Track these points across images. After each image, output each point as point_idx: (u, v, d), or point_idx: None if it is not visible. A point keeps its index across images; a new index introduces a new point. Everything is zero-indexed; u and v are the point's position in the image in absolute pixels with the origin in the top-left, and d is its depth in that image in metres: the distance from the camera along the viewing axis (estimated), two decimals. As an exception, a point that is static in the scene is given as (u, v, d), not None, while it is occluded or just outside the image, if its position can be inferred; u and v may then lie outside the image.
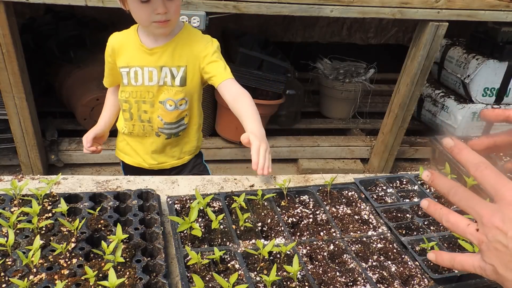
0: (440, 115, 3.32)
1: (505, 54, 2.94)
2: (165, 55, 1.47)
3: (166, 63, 1.48)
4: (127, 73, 1.49)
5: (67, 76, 3.00)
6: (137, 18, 1.40)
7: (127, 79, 1.50)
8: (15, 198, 1.04)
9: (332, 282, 0.91)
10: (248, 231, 1.04)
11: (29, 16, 3.22)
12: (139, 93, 1.51)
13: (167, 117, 1.53)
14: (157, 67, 1.48)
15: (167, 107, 1.51)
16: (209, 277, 0.89)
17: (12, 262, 0.86)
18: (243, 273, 0.90)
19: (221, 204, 1.12)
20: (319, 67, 3.57)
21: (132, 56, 1.49)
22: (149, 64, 1.48)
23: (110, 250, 0.86)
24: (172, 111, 1.52)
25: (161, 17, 1.34)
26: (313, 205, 1.18)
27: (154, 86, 1.49)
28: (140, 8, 1.34)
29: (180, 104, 1.52)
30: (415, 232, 1.10)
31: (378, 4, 2.44)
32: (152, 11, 1.33)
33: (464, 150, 0.69)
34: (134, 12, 1.38)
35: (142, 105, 1.53)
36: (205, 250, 0.96)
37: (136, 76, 1.49)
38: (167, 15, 1.35)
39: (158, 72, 1.48)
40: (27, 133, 2.56)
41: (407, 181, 1.30)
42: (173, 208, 1.08)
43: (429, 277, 0.95)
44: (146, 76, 1.48)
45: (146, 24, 1.38)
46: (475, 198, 0.65)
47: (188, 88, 1.51)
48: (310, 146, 3.21)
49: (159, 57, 1.47)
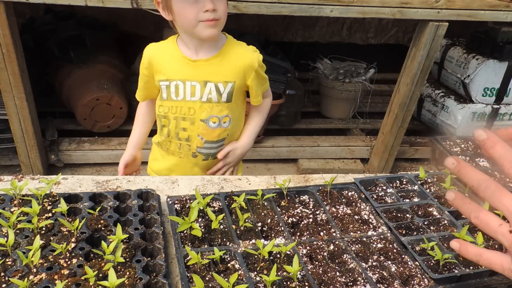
0: (440, 115, 3.32)
1: (505, 54, 2.94)
2: (210, 69, 1.39)
3: (211, 78, 1.39)
4: (167, 87, 1.41)
5: (67, 76, 3.00)
6: (184, 20, 1.31)
7: (166, 93, 1.42)
8: (15, 198, 1.04)
9: (332, 282, 0.91)
10: (248, 231, 1.04)
11: (29, 16, 3.22)
12: (179, 109, 1.43)
13: (208, 135, 1.46)
14: (200, 81, 1.39)
15: (210, 125, 1.44)
16: (209, 277, 0.89)
17: (12, 262, 0.86)
18: (243, 273, 0.90)
19: (221, 204, 1.12)
20: (319, 67, 3.57)
21: (173, 68, 1.40)
22: (191, 78, 1.39)
23: (110, 250, 0.86)
24: (215, 129, 1.45)
25: (209, 15, 1.27)
26: (313, 205, 1.18)
27: (196, 102, 1.41)
28: (186, 7, 1.27)
29: (224, 122, 1.46)
30: (415, 232, 1.10)
31: (378, 4, 2.44)
32: (199, 10, 1.26)
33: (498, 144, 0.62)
34: (179, 15, 1.31)
35: (181, 122, 1.44)
36: (205, 250, 0.96)
37: (177, 90, 1.40)
38: (216, 13, 1.28)
39: (202, 87, 1.39)
40: (27, 133, 2.56)
41: (407, 181, 1.30)
42: (173, 208, 1.08)
43: (429, 277, 0.95)
44: (188, 91, 1.40)
45: (193, 25, 1.30)
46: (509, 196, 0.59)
47: (232, 104, 1.45)
48: (310, 146, 3.21)
49: (203, 71, 1.39)
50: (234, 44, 1.45)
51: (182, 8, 1.28)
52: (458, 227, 1.10)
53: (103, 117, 2.99)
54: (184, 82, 1.39)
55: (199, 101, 1.41)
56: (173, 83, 1.40)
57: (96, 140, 2.98)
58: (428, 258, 0.99)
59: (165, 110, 1.45)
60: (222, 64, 1.40)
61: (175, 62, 1.40)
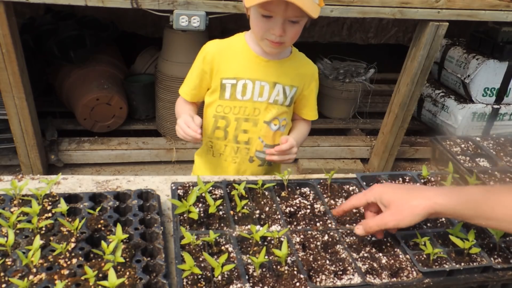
0: (440, 115, 3.32)
1: (505, 54, 2.94)
2: (281, 71, 1.37)
3: (281, 80, 1.37)
4: (233, 85, 1.36)
5: (67, 76, 3.00)
6: (253, 30, 1.30)
7: (230, 92, 1.36)
8: (15, 198, 1.04)
9: (321, 269, 0.93)
10: (245, 217, 1.07)
11: (29, 16, 3.22)
12: (243, 109, 1.38)
13: (269, 138, 1.43)
14: (270, 82, 1.36)
15: (272, 127, 1.41)
16: (202, 257, 0.92)
17: (12, 262, 0.86)
18: (235, 256, 0.93)
19: (223, 192, 1.14)
20: (319, 67, 3.57)
21: (242, 66, 1.36)
22: (262, 77, 1.36)
23: (110, 250, 0.86)
24: (276, 132, 1.43)
25: (275, 38, 1.24)
26: (313, 197, 1.19)
27: (263, 103, 1.37)
28: (259, 21, 1.24)
29: (283, 125, 1.44)
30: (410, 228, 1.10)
31: (378, 4, 2.44)
32: (269, 28, 1.23)
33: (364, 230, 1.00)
34: (251, 23, 1.29)
35: (243, 123, 1.39)
36: (201, 233, 0.99)
37: (244, 89, 1.36)
38: (282, 38, 1.24)
39: (271, 88, 1.37)
40: (27, 133, 2.56)
41: (410, 179, 1.30)
42: (176, 193, 1.11)
43: (418, 270, 0.95)
44: (257, 91, 1.36)
45: (259, 38, 1.28)
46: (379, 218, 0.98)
47: (291, 110, 1.46)
48: (310, 146, 3.21)
49: (274, 72, 1.36)
50: (298, 52, 1.45)
51: (254, 19, 1.26)
52: (454, 224, 1.11)
53: (103, 117, 2.99)
54: (254, 81, 1.36)
55: (266, 101, 1.38)
56: (241, 82, 1.36)
57: (96, 140, 2.98)
58: (420, 253, 1.00)
59: (225, 110, 1.39)
60: (291, 67, 1.39)
61: (245, 60, 1.36)
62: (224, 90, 1.37)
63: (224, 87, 1.37)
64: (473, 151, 1.50)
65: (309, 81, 1.45)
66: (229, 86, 1.36)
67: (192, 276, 0.86)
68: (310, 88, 1.46)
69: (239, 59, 1.37)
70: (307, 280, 0.88)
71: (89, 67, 3.01)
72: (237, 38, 1.41)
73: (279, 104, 1.40)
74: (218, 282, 0.86)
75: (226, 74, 1.36)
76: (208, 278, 0.87)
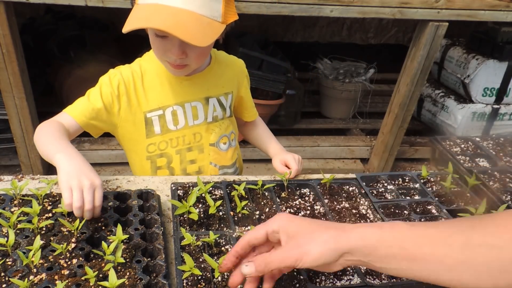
0: (440, 115, 3.32)
1: (505, 54, 2.94)
2: (209, 82, 1.19)
3: (212, 92, 1.20)
4: (161, 116, 1.17)
5: (67, 76, 3.00)
6: (152, 49, 1.13)
7: (160, 125, 1.18)
8: (15, 198, 1.04)
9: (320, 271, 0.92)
10: (245, 218, 1.07)
11: (29, 16, 3.22)
12: (182, 139, 1.20)
13: (222, 160, 1.26)
14: (201, 99, 1.19)
15: (221, 147, 1.25)
16: (202, 258, 0.92)
17: (12, 262, 0.86)
18: None
19: (223, 192, 1.14)
20: (319, 67, 3.57)
21: (164, 93, 1.17)
22: (190, 98, 1.18)
23: (110, 251, 0.86)
24: (227, 151, 1.26)
25: (174, 60, 1.07)
26: (313, 198, 1.19)
27: (202, 125, 1.20)
28: (154, 40, 1.07)
29: (232, 139, 1.28)
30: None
31: (378, 4, 2.44)
32: (166, 50, 1.06)
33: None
34: (151, 42, 1.11)
35: (186, 154, 1.21)
36: (201, 233, 0.99)
37: (175, 117, 1.18)
38: (183, 60, 1.07)
39: (204, 105, 1.20)
40: (27, 133, 2.55)
41: (410, 179, 1.31)
42: (176, 194, 1.11)
43: None
44: (190, 115, 1.18)
45: (160, 59, 1.12)
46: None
47: (233, 118, 1.29)
48: (310, 146, 3.21)
49: (201, 87, 1.19)
50: (218, 52, 1.28)
51: (150, 39, 1.08)
52: None
53: (103, 117, 2.98)
54: (183, 105, 1.18)
55: (204, 122, 1.21)
56: (169, 110, 1.18)
57: (96, 140, 2.98)
58: None
59: (160, 146, 1.20)
60: (217, 74, 1.23)
61: (167, 84, 1.17)
62: (151, 125, 1.18)
63: (151, 121, 1.18)
64: (473, 151, 1.50)
65: (241, 79, 1.30)
66: (156, 119, 1.18)
67: (192, 277, 0.87)
68: (244, 86, 1.32)
69: (158, 84, 1.17)
70: (307, 281, 0.88)
71: (89, 67, 3.01)
72: (148, 61, 1.21)
73: (220, 119, 1.24)
74: (218, 283, 0.86)
75: (148, 106, 1.17)
76: (208, 279, 0.87)
